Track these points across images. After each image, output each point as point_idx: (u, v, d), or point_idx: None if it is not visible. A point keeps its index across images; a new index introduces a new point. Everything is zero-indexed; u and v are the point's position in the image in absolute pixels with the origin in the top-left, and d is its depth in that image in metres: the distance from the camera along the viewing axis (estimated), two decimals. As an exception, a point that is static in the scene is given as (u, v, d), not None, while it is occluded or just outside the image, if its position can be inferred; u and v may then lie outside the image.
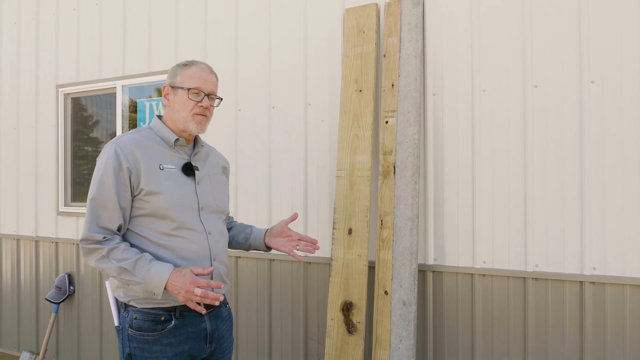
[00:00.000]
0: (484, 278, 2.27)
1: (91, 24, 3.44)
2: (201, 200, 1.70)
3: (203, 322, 1.67)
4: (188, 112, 1.67)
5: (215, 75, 1.76)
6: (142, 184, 1.59)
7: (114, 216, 1.58)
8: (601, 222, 2.06)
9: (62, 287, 3.44)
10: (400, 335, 2.15)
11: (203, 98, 1.68)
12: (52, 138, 3.60)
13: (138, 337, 1.60)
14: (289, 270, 2.73)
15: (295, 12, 2.73)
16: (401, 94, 2.31)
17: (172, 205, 1.61)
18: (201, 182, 1.73)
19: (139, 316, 1.60)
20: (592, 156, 2.08)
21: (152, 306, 1.60)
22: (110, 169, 1.57)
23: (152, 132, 1.72)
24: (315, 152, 2.66)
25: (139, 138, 1.67)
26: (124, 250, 1.56)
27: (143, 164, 1.60)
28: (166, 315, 1.61)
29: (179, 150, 1.72)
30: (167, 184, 1.62)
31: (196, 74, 1.68)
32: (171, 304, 1.61)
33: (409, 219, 2.22)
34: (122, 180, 1.58)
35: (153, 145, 1.67)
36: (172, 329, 1.60)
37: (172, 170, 1.66)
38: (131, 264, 1.52)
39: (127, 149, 1.60)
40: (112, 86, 3.33)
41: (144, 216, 1.61)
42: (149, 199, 1.60)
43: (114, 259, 1.54)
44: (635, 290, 2.02)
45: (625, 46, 2.04)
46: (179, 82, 1.69)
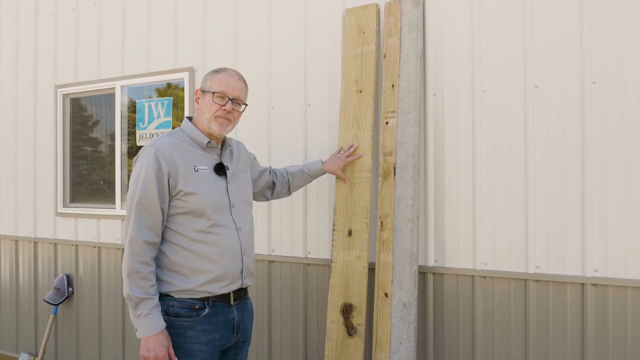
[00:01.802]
0: (485, 280, 2.26)
1: (90, 24, 3.43)
2: (232, 198, 1.82)
3: (231, 312, 1.80)
4: (211, 114, 1.78)
5: (244, 82, 1.88)
6: (180, 185, 1.70)
7: (157, 217, 1.69)
8: (603, 223, 2.05)
9: (60, 288, 3.42)
10: (401, 337, 2.13)
11: (227, 102, 1.79)
12: (51, 138, 3.58)
13: (175, 322, 1.71)
14: (289, 271, 2.72)
15: (295, 12, 2.72)
16: (401, 94, 2.30)
17: (208, 204, 1.73)
18: (231, 181, 1.85)
19: (175, 304, 1.72)
20: (594, 157, 2.07)
21: (188, 297, 1.72)
22: (152, 172, 1.67)
23: (185, 134, 1.83)
24: (315, 152, 2.64)
25: (175, 141, 1.77)
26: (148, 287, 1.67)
27: (181, 167, 1.72)
28: (200, 304, 1.73)
29: (210, 152, 1.84)
30: (203, 185, 1.74)
31: (223, 80, 1.81)
32: (205, 295, 1.73)
33: (409, 220, 2.20)
34: (162, 182, 1.69)
35: (187, 148, 1.79)
36: (205, 316, 1.73)
37: (205, 171, 1.78)
38: (138, 299, 1.64)
39: (166, 152, 1.71)
40: (111, 86, 3.31)
41: (182, 214, 1.72)
42: (187, 199, 1.71)
43: (134, 284, 1.65)
44: (637, 292, 2.00)
45: (626, 46, 2.02)
46: (207, 87, 1.82)
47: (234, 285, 1.80)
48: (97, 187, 3.47)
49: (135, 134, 3.24)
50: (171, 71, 3.07)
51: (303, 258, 2.67)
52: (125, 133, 3.28)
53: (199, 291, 1.73)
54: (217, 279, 1.75)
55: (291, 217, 2.70)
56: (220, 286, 1.76)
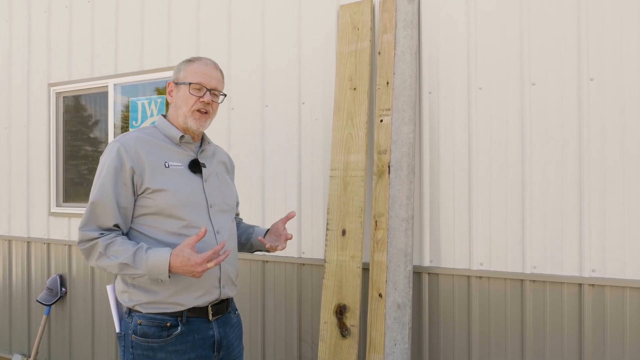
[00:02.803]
0: (481, 280, 2.22)
1: (83, 22, 3.39)
2: (209, 198, 1.65)
3: (211, 328, 1.61)
4: (189, 108, 1.63)
5: (220, 71, 1.72)
6: (147, 182, 1.55)
7: (110, 214, 1.53)
8: (601, 223, 2.01)
9: (53, 288, 3.39)
10: (395, 339, 2.10)
11: (205, 93, 1.64)
12: (44, 137, 3.54)
13: (142, 343, 1.54)
14: (283, 272, 2.68)
15: (289, 9, 2.68)
16: (396, 92, 2.26)
17: (179, 203, 1.56)
18: (209, 180, 1.68)
19: (143, 322, 1.54)
20: (592, 155, 2.03)
21: (157, 311, 1.54)
22: (112, 169, 1.54)
23: (157, 130, 1.68)
24: (309, 151, 2.61)
25: (143, 136, 1.63)
26: (121, 243, 1.51)
27: (147, 162, 1.56)
28: (172, 320, 1.55)
29: (185, 148, 1.68)
30: (173, 181, 1.58)
31: (199, 69, 1.65)
32: (178, 308, 1.55)
33: (403, 219, 2.17)
34: (124, 179, 1.54)
35: (158, 143, 1.63)
36: (178, 335, 1.54)
37: (178, 168, 1.62)
38: (130, 257, 1.48)
39: (130, 147, 1.56)
40: (104, 85, 3.28)
41: (150, 215, 1.56)
42: (154, 196, 1.55)
43: (112, 256, 1.49)
44: (635, 293, 1.97)
45: (625, 43, 1.99)
46: (181, 78, 1.66)
47: (210, 296, 1.60)
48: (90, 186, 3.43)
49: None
50: (164, 69, 3.03)
51: (297, 258, 2.63)
52: (119, 132, 3.25)
53: (168, 303, 1.54)
54: (189, 288, 1.55)
55: (285, 217, 2.66)
56: (194, 297, 1.57)
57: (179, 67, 1.70)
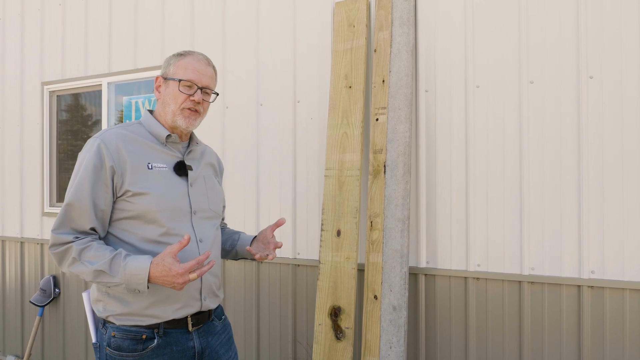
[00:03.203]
0: (478, 281, 2.18)
1: (77, 19, 3.35)
2: (194, 204, 1.54)
3: (191, 339, 1.52)
4: (177, 106, 1.51)
5: (212, 67, 1.60)
6: (127, 184, 1.43)
7: (86, 217, 1.41)
8: (600, 224, 1.98)
9: (47, 289, 3.35)
10: (390, 341, 2.06)
11: (196, 91, 1.51)
12: (37, 137, 3.51)
13: (116, 357, 1.45)
14: (278, 273, 2.64)
15: (284, 6, 2.64)
16: (392, 90, 2.22)
17: (160, 208, 1.45)
18: (195, 184, 1.57)
19: (117, 334, 1.44)
20: (591, 154, 1.99)
21: (132, 323, 1.44)
22: (90, 167, 1.42)
23: (142, 127, 1.56)
24: (305, 150, 2.57)
25: (126, 133, 1.50)
26: (97, 248, 1.39)
27: (129, 163, 1.45)
28: (148, 333, 1.45)
29: (172, 148, 1.56)
30: (156, 185, 1.46)
31: (190, 65, 1.52)
32: (153, 321, 1.45)
33: (399, 220, 2.13)
34: (103, 179, 1.42)
35: (142, 142, 1.51)
36: (154, 348, 1.44)
37: (162, 170, 1.50)
38: (106, 264, 1.36)
39: (112, 145, 1.44)
40: (98, 83, 3.24)
41: (129, 219, 1.45)
42: (134, 200, 1.43)
43: (87, 261, 1.38)
44: (635, 295, 1.93)
45: (625, 40, 1.95)
46: (171, 73, 1.53)
47: (190, 309, 1.51)
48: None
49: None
50: (158, 67, 2.99)
51: (292, 259, 2.59)
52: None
53: (144, 316, 1.44)
54: (167, 300, 1.46)
55: (280, 217, 2.62)
56: (172, 310, 1.47)
57: (168, 60, 1.57)
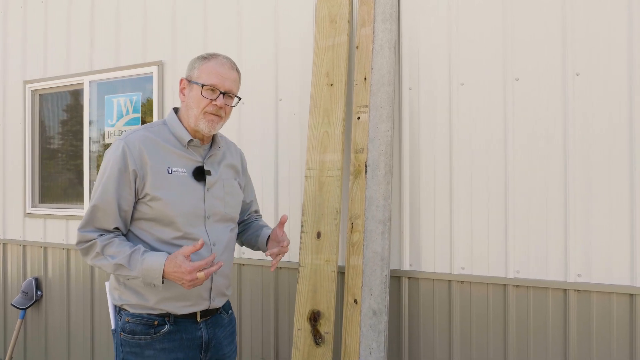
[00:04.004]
0: (462, 285, 2.12)
1: (59, 17, 3.29)
2: (208, 209, 1.59)
3: (199, 329, 1.60)
4: (200, 110, 1.55)
5: (236, 71, 1.62)
6: (147, 188, 1.50)
7: (111, 218, 1.51)
8: (586, 226, 1.91)
9: (28, 292, 3.29)
10: (370, 347, 1.99)
11: (218, 96, 1.55)
12: (19, 137, 3.44)
13: (130, 340, 1.54)
14: (259, 276, 2.58)
15: (266, 2, 2.58)
16: (374, 88, 2.16)
17: (176, 213, 1.52)
18: (212, 189, 1.62)
19: (131, 319, 1.54)
20: (577, 154, 1.93)
21: (144, 312, 1.54)
22: (116, 170, 1.50)
23: (166, 128, 1.61)
24: (287, 150, 2.50)
25: (149, 136, 1.56)
26: (119, 244, 1.49)
27: (150, 167, 1.51)
28: (160, 320, 1.54)
29: (192, 151, 1.61)
30: (174, 190, 1.53)
31: (214, 70, 1.55)
32: (164, 310, 1.54)
33: (380, 222, 2.06)
34: (127, 182, 1.50)
35: (164, 145, 1.56)
36: (166, 333, 1.53)
37: (181, 174, 1.56)
38: (126, 259, 1.46)
39: (135, 148, 1.51)
40: (80, 82, 3.17)
41: (147, 220, 1.54)
42: (153, 204, 1.51)
43: (109, 256, 1.48)
44: (622, 298, 1.87)
45: (611, 36, 1.89)
46: (195, 77, 1.57)
47: (199, 307, 1.59)
48: (66, 186, 3.33)
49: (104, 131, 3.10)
50: (140, 65, 2.93)
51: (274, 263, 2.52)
52: (95, 130, 3.15)
53: (156, 308, 1.54)
54: (177, 298, 1.54)
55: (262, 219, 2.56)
56: (182, 306, 1.56)
57: (193, 64, 1.60)
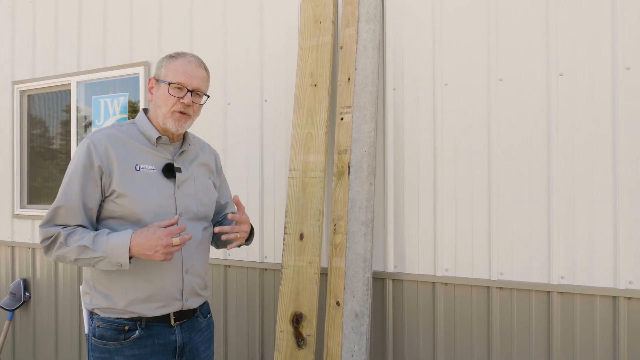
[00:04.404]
0: (446, 287, 2.10)
1: (47, 18, 3.28)
2: (180, 206, 1.56)
3: (173, 333, 1.55)
4: (168, 109, 1.54)
5: (205, 70, 1.62)
6: (114, 185, 1.47)
7: (74, 216, 1.47)
8: (570, 228, 1.90)
9: (16, 293, 3.27)
10: (352, 349, 1.98)
11: (186, 94, 1.54)
12: (8, 138, 3.43)
13: (100, 346, 1.50)
14: (245, 277, 2.57)
15: (251, 2, 2.56)
16: (357, 88, 2.14)
17: (144, 210, 1.49)
18: (183, 186, 1.58)
19: (101, 324, 1.50)
20: (561, 155, 1.91)
21: (115, 316, 1.50)
22: (80, 167, 1.47)
23: (135, 127, 1.59)
24: (272, 151, 2.49)
25: (116, 134, 1.53)
26: (82, 231, 1.46)
27: (117, 164, 1.48)
28: (130, 325, 1.50)
29: (162, 149, 1.58)
30: (142, 187, 1.50)
31: (181, 68, 1.55)
32: (135, 314, 1.49)
33: (362, 223, 2.05)
34: (92, 179, 1.47)
35: (132, 143, 1.54)
36: (136, 339, 1.49)
37: (149, 172, 1.53)
38: (89, 240, 1.42)
39: (101, 145, 1.48)
40: (67, 82, 3.16)
41: (115, 219, 1.50)
42: (119, 201, 1.47)
43: (73, 242, 1.44)
44: (605, 301, 1.85)
45: (596, 38, 1.87)
46: (162, 75, 1.56)
47: (170, 308, 1.54)
48: (54, 187, 3.32)
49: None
50: (126, 66, 2.92)
51: (259, 263, 2.51)
52: (82, 131, 3.13)
53: (126, 311, 1.49)
54: (148, 299, 1.50)
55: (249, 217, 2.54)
56: (152, 307, 1.51)
57: (160, 62, 1.59)
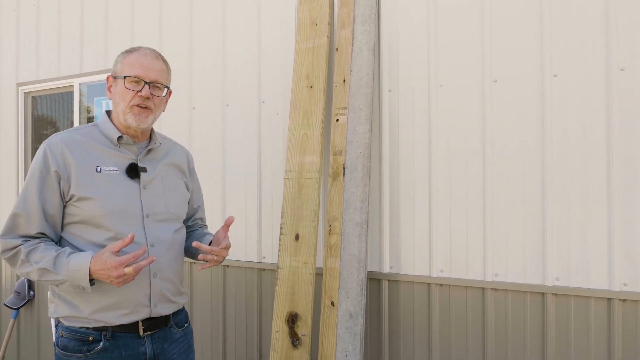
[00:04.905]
0: (442, 288, 2.11)
1: (50, 20, 3.32)
2: (146, 207, 1.50)
3: (142, 344, 1.49)
4: (126, 104, 1.48)
5: (162, 61, 1.56)
6: (73, 189, 1.42)
7: (34, 224, 1.42)
8: (564, 229, 1.89)
9: (21, 292, 3.32)
10: (346, 349, 1.99)
11: (143, 87, 1.48)
12: (13, 139, 3.48)
13: (63, 357, 1.44)
14: (243, 277, 2.59)
15: (249, 5, 2.58)
16: (353, 89, 2.15)
17: (106, 212, 1.43)
18: (149, 186, 1.53)
19: (65, 334, 1.45)
20: (555, 156, 1.91)
21: (79, 325, 1.44)
22: (37, 173, 1.43)
23: (97, 129, 1.54)
24: (270, 152, 2.51)
25: (75, 137, 1.49)
26: (44, 249, 1.40)
27: (74, 167, 1.43)
28: (95, 335, 1.43)
29: (126, 150, 1.53)
30: (102, 189, 1.44)
31: (137, 61, 1.49)
32: (100, 324, 1.43)
33: (357, 224, 2.06)
34: (50, 184, 1.42)
35: (92, 145, 1.49)
36: (100, 351, 1.42)
37: (112, 173, 1.47)
38: (51, 262, 1.37)
39: (57, 149, 1.44)
40: (70, 84, 3.20)
41: (77, 224, 1.45)
42: (80, 204, 1.43)
43: (34, 262, 1.39)
44: (600, 303, 1.84)
45: (587, 36, 1.86)
46: (119, 71, 1.51)
47: (138, 315, 1.47)
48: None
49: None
50: (128, 67, 2.94)
51: (257, 263, 2.53)
52: (85, 132, 3.17)
53: (91, 320, 1.43)
54: (113, 306, 1.44)
55: (245, 220, 2.57)
56: (118, 315, 1.45)
57: (116, 59, 1.54)
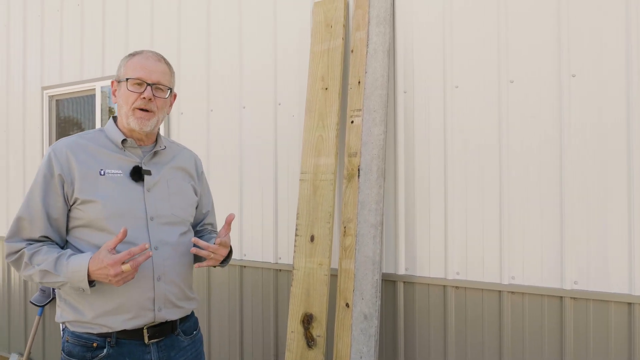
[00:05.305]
0: (457, 290, 2.09)
1: (73, 25, 3.41)
2: (150, 210, 1.50)
3: (148, 352, 1.47)
4: (129, 106, 1.49)
5: (165, 63, 1.56)
6: (76, 192, 1.44)
7: (38, 227, 1.44)
8: (584, 232, 1.86)
9: (46, 290, 3.41)
10: (361, 351, 1.99)
11: (145, 89, 1.48)
12: (38, 141, 3.58)
13: None
14: (260, 278, 2.61)
15: (264, 8, 2.60)
16: (367, 91, 2.16)
17: (109, 215, 1.43)
18: (154, 189, 1.53)
19: (70, 339, 1.46)
20: (573, 156, 1.88)
21: (83, 330, 1.44)
22: (41, 178, 1.45)
23: (103, 134, 1.55)
24: (286, 153, 2.53)
25: (79, 141, 1.51)
26: (46, 251, 1.42)
27: (78, 171, 1.45)
28: (99, 341, 1.43)
29: (131, 153, 1.54)
30: (106, 192, 1.45)
31: (139, 64, 1.50)
32: (104, 329, 1.43)
33: (372, 225, 2.06)
34: (54, 188, 1.44)
35: (96, 149, 1.50)
36: (104, 357, 1.42)
37: (116, 176, 1.48)
38: (51, 264, 1.38)
39: (61, 154, 1.46)
40: (92, 87, 3.28)
41: (81, 227, 1.46)
42: (83, 208, 1.44)
43: (36, 264, 1.40)
44: (619, 307, 1.81)
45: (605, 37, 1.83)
46: (122, 75, 1.52)
47: (142, 319, 1.46)
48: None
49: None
50: (147, 71, 3.00)
51: (274, 263, 2.56)
52: (106, 134, 3.25)
53: (95, 324, 1.43)
54: (117, 310, 1.43)
55: (262, 221, 2.60)
56: (122, 320, 1.44)
57: (120, 64, 1.56)
